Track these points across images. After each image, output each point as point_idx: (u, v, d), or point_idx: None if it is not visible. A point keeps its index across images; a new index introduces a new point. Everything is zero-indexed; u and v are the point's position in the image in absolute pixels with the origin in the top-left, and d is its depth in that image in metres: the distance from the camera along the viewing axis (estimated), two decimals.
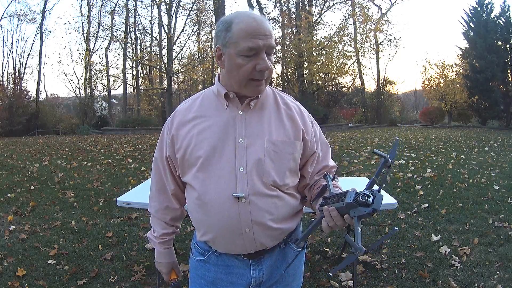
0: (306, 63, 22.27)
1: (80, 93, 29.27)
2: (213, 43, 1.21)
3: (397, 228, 0.98)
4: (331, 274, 1.06)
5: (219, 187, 1.16)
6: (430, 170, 6.99)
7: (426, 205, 4.77)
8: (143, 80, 29.76)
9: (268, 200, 1.17)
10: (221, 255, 1.26)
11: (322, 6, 24.04)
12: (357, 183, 3.67)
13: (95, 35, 25.80)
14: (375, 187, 0.99)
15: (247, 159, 1.16)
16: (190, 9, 22.09)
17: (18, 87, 26.57)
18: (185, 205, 1.35)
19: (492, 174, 6.66)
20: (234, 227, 1.17)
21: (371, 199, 0.95)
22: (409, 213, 4.54)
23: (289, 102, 1.29)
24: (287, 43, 23.36)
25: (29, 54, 28.50)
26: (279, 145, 1.20)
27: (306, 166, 1.28)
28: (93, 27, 25.44)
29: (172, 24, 22.46)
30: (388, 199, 2.89)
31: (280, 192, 1.20)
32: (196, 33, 24.56)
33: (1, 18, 26.68)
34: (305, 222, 3.82)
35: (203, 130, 1.19)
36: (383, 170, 1.00)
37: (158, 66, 23.68)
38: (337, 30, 23.02)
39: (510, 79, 21.66)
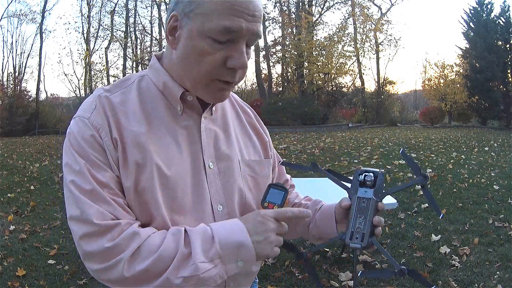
0: (306, 63, 22.28)
1: (80, 93, 29.25)
2: (168, 10, 0.85)
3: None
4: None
5: None
6: (430, 170, 6.99)
7: (426, 205, 4.77)
8: None
9: None
10: None
11: (322, 6, 24.09)
12: None
13: (95, 35, 25.84)
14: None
15: (224, 192, 0.84)
16: None
17: (18, 87, 26.56)
18: None
19: (492, 174, 6.66)
20: None
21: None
22: (409, 213, 4.54)
23: (244, 106, 1.01)
24: (287, 43, 23.36)
25: (29, 54, 28.45)
26: (255, 167, 0.91)
27: None
28: (93, 27, 25.49)
29: None
30: (388, 199, 2.89)
31: None
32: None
33: (1, 18, 26.70)
34: None
35: (156, 146, 0.79)
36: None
37: None
38: (337, 30, 23.05)
39: (510, 79, 21.66)
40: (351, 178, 0.88)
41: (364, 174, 0.86)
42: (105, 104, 0.79)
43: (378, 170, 0.87)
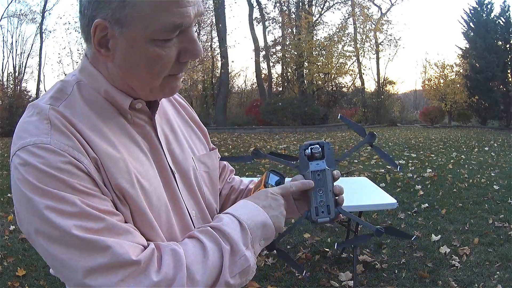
0: (306, 63, 22.27)
1: None
2: (82, 13, 0.66)
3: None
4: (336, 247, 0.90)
5: None
6: (430, 170, 6.99)
7: (426, 205, 4.77)
8: None
9: None
10: None
11: (322, 6, 24.07)
12: (358, 183, 3.67)
13: None
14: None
15: (191, 195, 0.80)
16: None
17: (18, 87, 26.56)
18: None
19: (492, 174, 6.67)
20: None
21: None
22: (409, 213, 4.54)
23: (178, 98, 0.93)
24: (287, 43, 23.36)
25: (29, 54, 28.32)
26: (207, 161, 0.87)
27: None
28: None
29: None
30: (388, 199, 2.89)
31: None
32: (195, 33, 24.53)
33: (1, 18, 26.69)
34: None
35: (131, 161, 0.71)
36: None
37: None
38: (337, 30, 23.04)
39: (510, 79, 21.66)
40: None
41: (309, 147, 0.84)
42: (62, 120, 0.65)
43: (322, 140, 0.86)
